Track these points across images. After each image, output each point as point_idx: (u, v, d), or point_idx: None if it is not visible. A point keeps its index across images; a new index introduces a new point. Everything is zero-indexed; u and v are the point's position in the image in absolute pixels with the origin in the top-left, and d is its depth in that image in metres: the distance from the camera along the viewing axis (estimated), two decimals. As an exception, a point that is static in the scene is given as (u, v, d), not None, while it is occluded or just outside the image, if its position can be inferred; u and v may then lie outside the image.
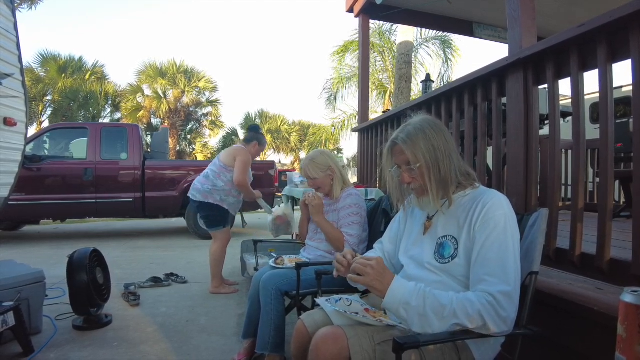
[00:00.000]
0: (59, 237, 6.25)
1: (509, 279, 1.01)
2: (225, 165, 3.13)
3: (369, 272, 1.05)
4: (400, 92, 7.27)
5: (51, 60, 15.81)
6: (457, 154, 1.20)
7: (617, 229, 1.60)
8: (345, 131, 15.22)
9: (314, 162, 2.12)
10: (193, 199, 3.16)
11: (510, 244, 1.05)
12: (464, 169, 1.20)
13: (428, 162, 1.13)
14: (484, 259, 1.04)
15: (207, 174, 3.17)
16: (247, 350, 2.03)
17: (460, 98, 2.16)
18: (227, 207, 3.18)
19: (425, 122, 1.19)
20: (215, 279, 3.23)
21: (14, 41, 2.77)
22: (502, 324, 0.98)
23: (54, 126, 6.79)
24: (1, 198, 2.89)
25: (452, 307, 1.00)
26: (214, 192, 3.10)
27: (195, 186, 3.16)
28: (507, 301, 0.99)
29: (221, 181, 3.11)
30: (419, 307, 1.02)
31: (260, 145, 3.33)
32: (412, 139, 1.15)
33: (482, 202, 1.11)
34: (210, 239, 6.16)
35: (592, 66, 1.43)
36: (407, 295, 1.04)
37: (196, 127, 19.22)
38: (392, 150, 1.22)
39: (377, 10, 4.25)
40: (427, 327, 1.02)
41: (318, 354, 1.05)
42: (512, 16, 1.85)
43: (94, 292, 2.39)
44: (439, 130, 1.18)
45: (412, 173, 1.17)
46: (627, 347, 0.73)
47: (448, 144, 1.17)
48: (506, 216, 1.08)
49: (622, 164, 3.46)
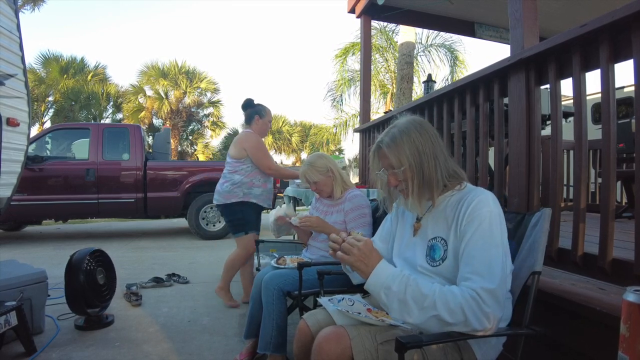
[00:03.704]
0: (61, 237, 6.27)
1: (494, 276, 0.99)
2: (236, 159, 2.88)
3: (354, 253, 1.07)
4: (402, 93, 7.27)
5: (53, 61, 15.89)
6: (444, 154, 1.18)
7: (619, 230, 1.60)
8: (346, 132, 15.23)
9: (313, 166, 2.14)
10: (216, 203, 2.93)
11: (495, 240, 1.04)
12: (452, 170, 1.19)
13: (412, 166, 1.13)
14: (469, 256, 1.04)
15: (223, 173, 2.95)
16: (249, 350, 2.03)
17: (462, 98, 2.16)
18: (255, 200, 2.91)
19: (410, 124, 1.18)
20: (223, 281, 2.98)
21: (17, 42, 2.78)
22: (485, 319, 0.96)
23: (56, 126, 6.80)
24: (4, 198, 2.90)
25: (434, 298, 1.00)
26: (235, 189, 2.85)
27: (217, 189, 2.94)
28: (490, 298, 0.97)
29: (238, 175, 2.86)
30: (400, 293, 1.03)
31: (262, 116, 2.99)
32: (397, 142, 1.15)
33: (467, 200, 1.11)
34: (210, 239, 6.20)
35: (594, 66, 1.43)
36: (390, 279, 1.05)
37: (198, 127, 19.27)
38: (378, 153, 1.22)
39: (378, 11, 4.25)
40: (405, 315, 1.03)
41: (321, 354, 1.05)
42: (514, 16, 1.85)
43: (90, 293, 2.39)
44: (425, 132, 1.17)
45: (397, 176, 1.17)
46: (629, 346, 0.73)
47: (434, 145, 1.16)
48: (491, 213, 1.07)
49: (624, 165, 3.46)
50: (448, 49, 12.04)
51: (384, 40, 12.19)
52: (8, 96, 2.65)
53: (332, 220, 2.12)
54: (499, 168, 1.92)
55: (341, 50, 13.00)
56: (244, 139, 2.90)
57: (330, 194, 2.17)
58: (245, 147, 2.86)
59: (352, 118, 14.46)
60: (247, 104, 3.06)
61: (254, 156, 2.85)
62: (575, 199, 1.49)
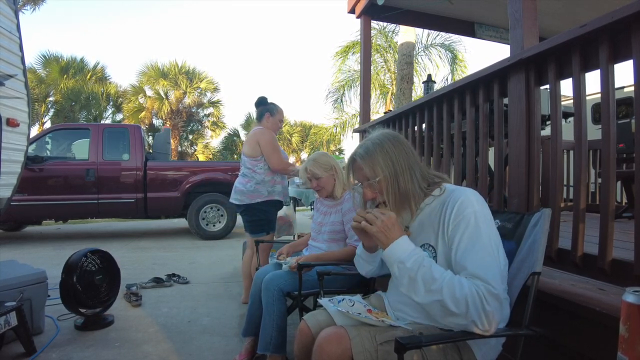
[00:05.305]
0: (61, 238, 6.27)
1: (493, 279, 0.99)
2: (252, 157, 2.82)
3: (377, 224, 1.09)
4: (402, 93, 7.27)
5: (53, 61, 15.86)
6: (420, 165, 1.20)
7: (619, 230, 1.60)
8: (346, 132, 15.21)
9: (317, 162, 2.13)
10: (239, 203, 2.84)
11: (483, 241, 1.04)
12: (430, 177, 1.20)
13: (387, 177, 1.13)
14: (463, 260, 1.04)
15: (244, 173, 2.88)
16: (248, 350, 2.03)
17: (462, 99, 2.16)
18: (278, 197, 2.89)
19: (383, 137, 1.20)
20: (246, 291, 2.88)
21: (17, 42, 2.78)
22: (485, 317, 0.96)
23: (56, 127, 6.81)
24: (3, 198, 2.90)
25: (442, 283, 1.01)
26: (260, 187, 2.80)
27: (238, 188, 2.86)
28: (493, 299, 0.97)
29: (259, 174, 2.81)
30: (412, 271, 1.05)
31: (273, 114, 2.96)
32: (370, 154, 1.16)
33: (450, 204, 1.11)
34: (210, 239, 6.19)
35: (594, 66, 1.43)
36: (406, 256, 1.07)
37: (198, 127, 19.25)
38: (352, 166, 1.23)
39: (378, 11, 4.25)
40: (412, 293, 1.06)
41: (322, 355, 1.06)
42: (514, 16, 1.85)
43: (83, 293, 2.39)
44: (398, 144, 1.18)
45: (373, 188, 1.17)
46: (629, 347, 0.73)
47: (408, 156, 1.17)
48: (476, 213, 1.07)
49: (624, 165, 3.45)
50: (448, 48, 12.04)
51: (383, 41, 12.19)
52: (8, 97, 2.65)
53: (331, 221, 2.12)
54: (498, 168, 1.92)
55: (342, 48, 12.99)
56: (258, 134, 2.84)
57: (330, 193, 2.17)
58: (259, 141, 2.81)
59: (352, 118, 14.45)
60: (260, 102, 3.04)
61: (264, 151, 2.80)
62: (575, 199, 1.49)
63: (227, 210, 6.21)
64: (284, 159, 2.92)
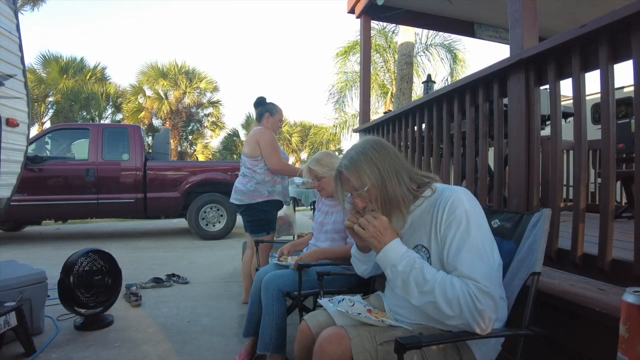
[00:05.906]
0: (61, 238, 6.27)
1: (485, 278, 0.99)
2: (252, 157, 2.82)
3: (369, 228, 1.11)
4: (402, 93, 7.27)
5: (53, 61, 15.85)
6: (407, 167, 1.19)
7: (619, 230, 1.60)
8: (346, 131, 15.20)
9: (319, 162, 2.13)
10: (239, 203, 2.84)
11: (476, 240, 1.03)
12: (419, 178, 1.20)
13: (375, 185, 1.13)
14: (455, 261, 1.03)
15: (244, 172, 2.87)
16: (248, 350, 2.03)
17: (462, 99, 2.16)
18: (278, 196, 2.89)
19: (366, 144, 1.19)
20: (246, 292, 2.89)
21: (17, 42, 2.78)
22: (479, 317, 0.96)
23: (55, 127, 6.81)
24: (3, 198, 2.90)
25: (434, 284, 1.01)
26: (260, 187, 2.80)
27: (238, 188, 2.85)
28: (485, 298, 0.97)
29: (259, 174, 2.81)
30: (404, 273, 1.06)
31: (273, 114, 2.95)
32: (355, 164, 1.15)
33: (441, 204, 1.11)
34: (210, 239, 6.19)
35: (593, 67, 1.43)
36: (398, 259, 1.08)
37: (197, 127, 19.25)
38: (340, 178, 1.22)
39: (378, 11, 4.25)
40: (407, 295, 1.08)
41: (322, 355, 1.06)
42: (513, 16, 1.85)
43: (80, 293, 2.40)
44: (381, 149, 1.17)
45: (363, 198, 1.16)
46: (629, 347, 0.73)
47: (393, 160, 1.16)
48: (467, 212, 1.07)
49: (623, 165, 3.46)
50: (447, 48, 12.04)
51: (383, 41, 12.18)
52: (7, 97, 2.65)
53: (332, 220, 2.12)
54: (498, 168, 1.92)
55: (343, 50, 12.99)
56: (258, 134, 2.84)
57: (331, 193, 2.17)
58: (259, 141, 2.80)
59: (352, 118, 14.45)
60: (259, 102, 3.04)
61: (264, 151, 2.79)
62: (574, 199, 1.49)
63: (227, 210, 6.21)
64: (283, 160, 2.92)
